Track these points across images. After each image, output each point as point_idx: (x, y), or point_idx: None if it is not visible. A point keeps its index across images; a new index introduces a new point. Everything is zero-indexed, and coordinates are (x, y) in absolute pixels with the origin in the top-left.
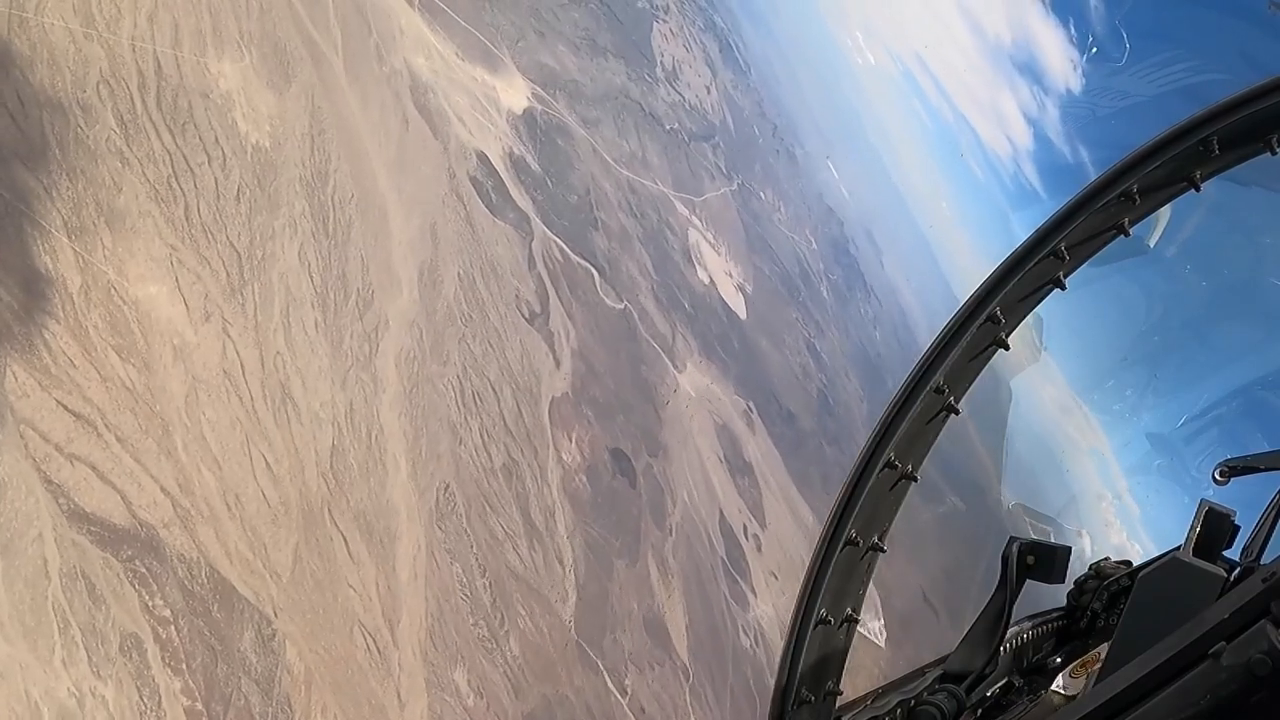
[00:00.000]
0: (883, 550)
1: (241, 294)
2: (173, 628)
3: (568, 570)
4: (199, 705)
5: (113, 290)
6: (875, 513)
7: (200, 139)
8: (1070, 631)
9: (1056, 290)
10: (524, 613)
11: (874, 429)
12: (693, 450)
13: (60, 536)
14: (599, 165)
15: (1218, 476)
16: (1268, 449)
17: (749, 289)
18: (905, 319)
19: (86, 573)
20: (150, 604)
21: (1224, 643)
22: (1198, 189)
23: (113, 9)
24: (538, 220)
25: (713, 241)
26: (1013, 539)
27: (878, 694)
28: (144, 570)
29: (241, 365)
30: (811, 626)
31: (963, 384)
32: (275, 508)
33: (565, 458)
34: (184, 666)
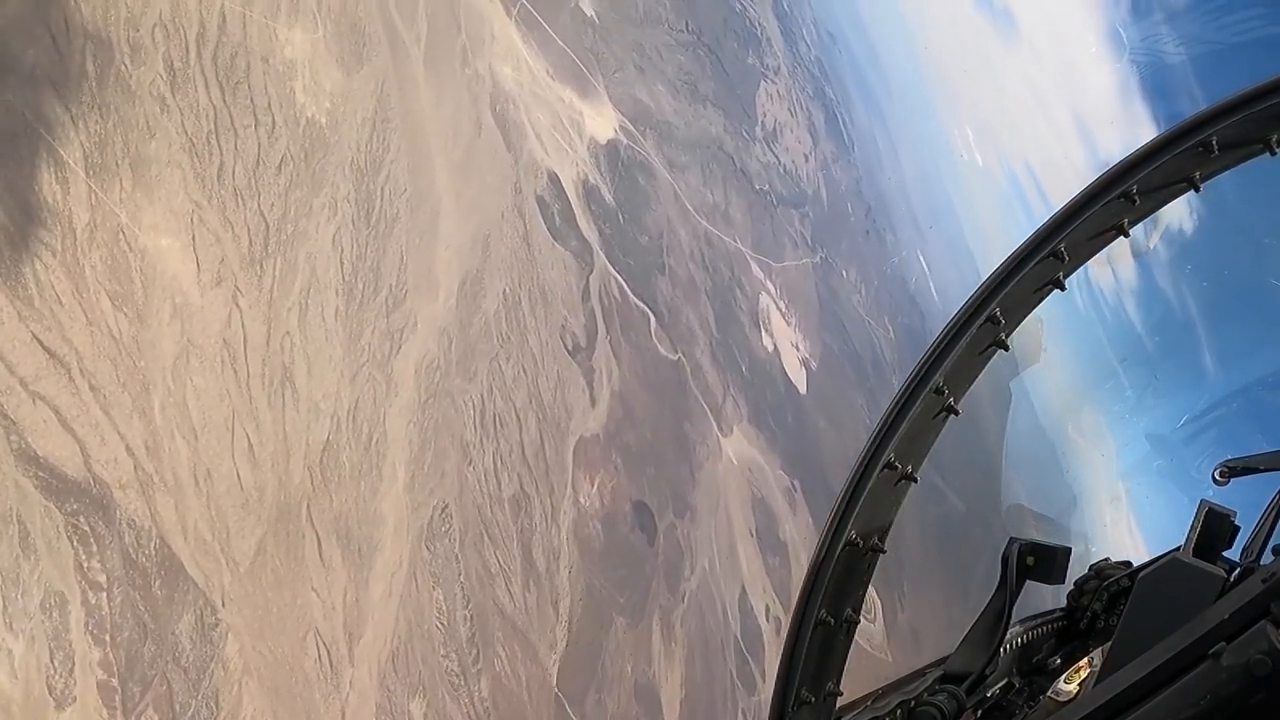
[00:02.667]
0: (883, 551)
1: (261, 265)
2: (105, 595)
3: (561, 618)
4: (114, 681)
5: (121, 234)
6: (875, 513)
7: (252, 101)
8: (1070, 632)
9: (1056, 291)
10: (503, 654)
11: (874, 429)
12: (723, 518)
13: (2, 474)
14: (678, 210)
15: (1218, 477)
16: (1268, 449)
17: (814, 365)
18: (976, 426)
19: (22, 518)
20: (86, 565)
21: (1224, 643)
22: (1198, 189)
23: None
24: (601, 253)
25: (784, 310)
26: (1013, 539)
27: (878, 695)
28: (86, 528)
29: (245, 338)
30: (811, 627)
31: (963, 384)
32: (248, 491)
33: (583, 501)
34: (108, 638)
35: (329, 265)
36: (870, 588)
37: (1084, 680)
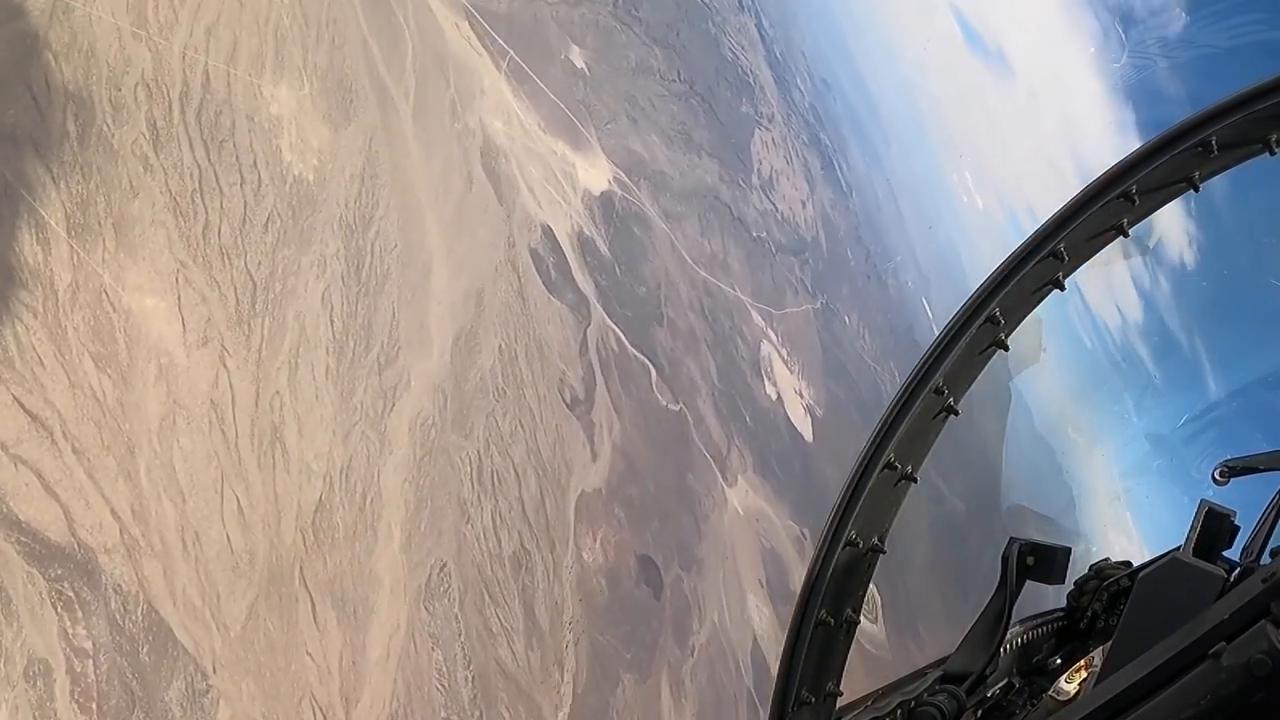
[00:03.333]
0: (883, 551)
1: (249, 324)
2: (91, 662)
3: (567, 676)
4: None
5: (104, 295)
6: (875, 514)
7: (237, 159)
8: (1070, 632)
9: (1056, 291)
10: (507, 715)
11: (874, 430)
12: (731, 570)
13: None
14: (675, 261)
15: (1218, 476)
16: (1268, 449)
17: (819, 412)
18: (988, 470)
19: (4, 584)
20: (71, 632)
21: (1224, 643)
22: (1197, 189)
23: (170, 13)
24: (598, 306)
25: (786, 358)
26: (1013, 540)
27: (878, 695)
28: (71, 594)
29: (233, 398)
30: (812, 628)
31: (962, 385)
32: (238, 555)
33: (586, 556)
34: (94, 706)
35: (319, 323)
36: (871, 587)
37: (1084, 680)
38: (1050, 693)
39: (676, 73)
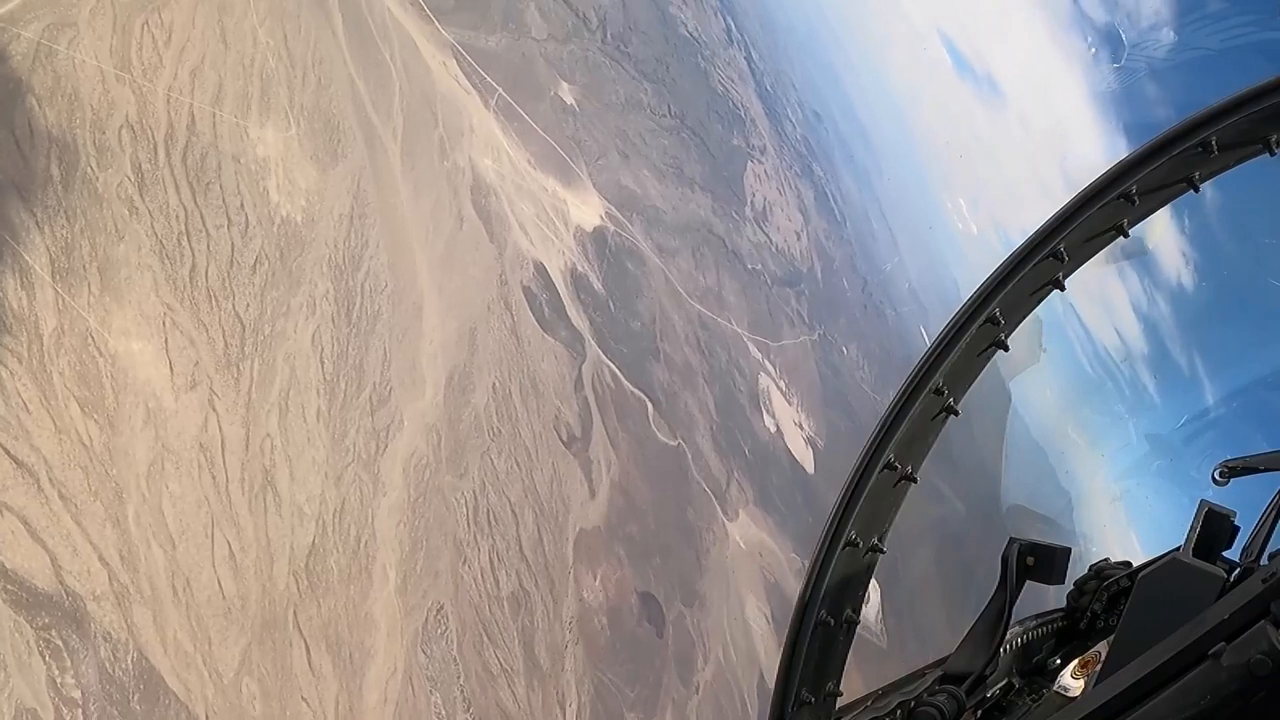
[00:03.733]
0: (883, 551)
1: (238, 367)
2: (80, 711)
3: (569, 716)
4: None
5: (90, 339)
6: (875, 514)
7: (224, 201)
8: (1070, 632)
9: (1056, 291)
10: None
11: (874, 430)
12: (735, 604)
13: None
14: (670, 295)
15: (1218, 477)
16: (1268, 449)
17: (820, 443)
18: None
19: None
20: (59, 680)
21: (1224, 643)
22: (1197, 190)
23: (154, 57)
24: (593, 342)
25: (785, 390)
26: (1013, 540)
27: (878, 695)
28: (59, 642)
29: (222, 442)
30: (812, 628)
31: (962, 385)
32: (230, 600)
33: (586, 595)
34: None
35: (309, 365)
36: (871, 586)
37: (1090, 676)
38: (1055, 688)
39: (667, 107)
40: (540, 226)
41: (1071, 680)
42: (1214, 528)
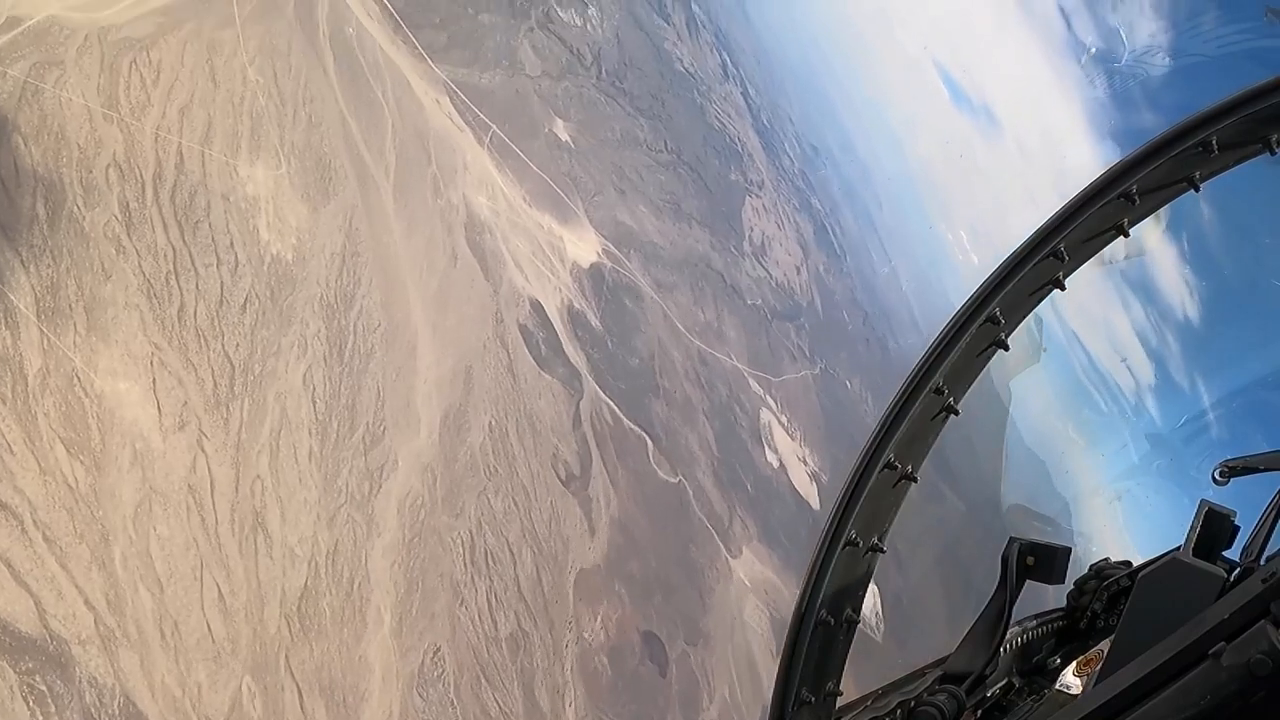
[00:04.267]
0: (883, 550)
1: (227, 407)
2: None
3: None
4: None
5: (76, 379)
6: (875, 513)
7: (213, 240)
8: (1070, 632)
9: (1056, 291)
10: None
11: (874, 430)
12: (740, 642)
13: None
14: (668, 331)
15: (1218, 476)
16: (1268, 449)
17: (824, 478)
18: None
19: None
20: None
21: (1224, 643)
22: (1197, 189)
23: (142, 95)
24: (590, 379)
25: (787, 424)
26: (1013, 539)
27: (878, 694)
28: (44, 688)
29: (211, 483)
30: (812, 627)
31: (963, 384)
32: (220, 644)
33: (586, 635)
34: None
35: (300, 405)
36: (871, 586)
37: (1092, 675)
38: (1058, 686)
39: (663, 143)
40: (536, 263)
41: (1074, 678)
42: (1214, 528)
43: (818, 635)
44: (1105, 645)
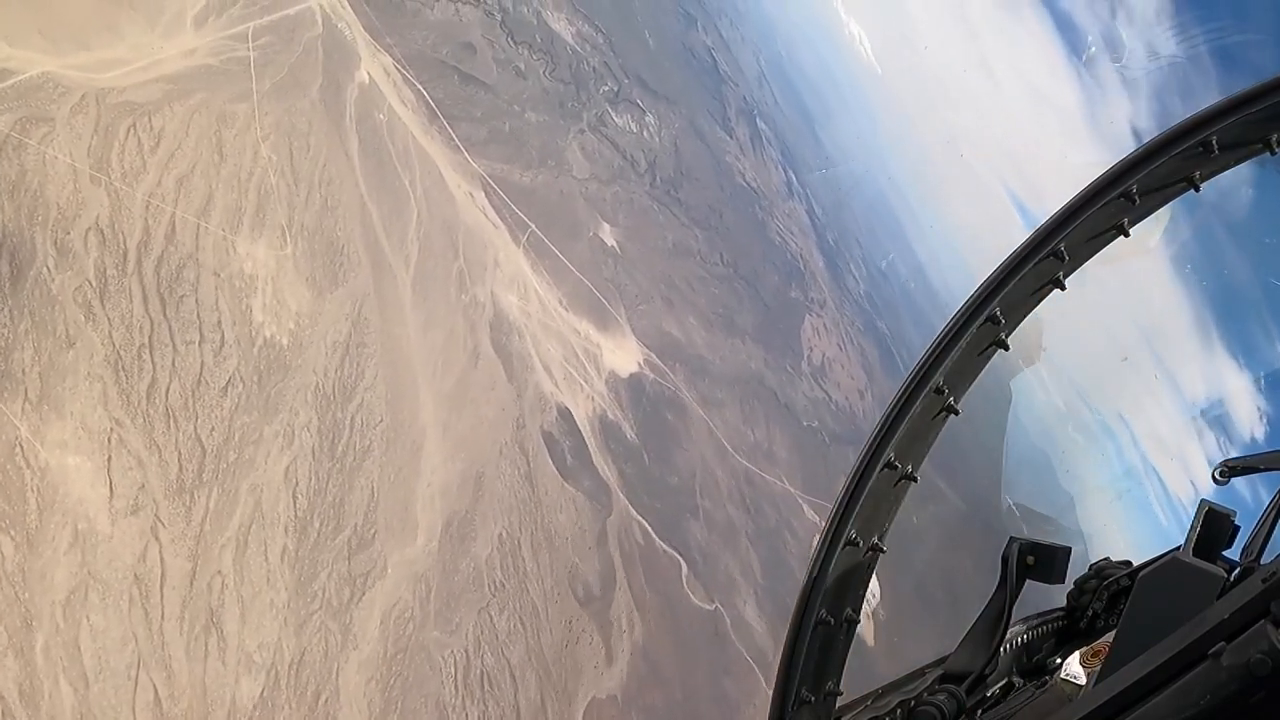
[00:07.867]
0: (883, 550)
1: (192, 494)
2: None
3: None
4: None
5: (19, 448)
6: (875, 513)
7: (198, 316)
8: (1070, 632)
9: (1056, 290)
10: None
11: (874, 429)
12: None
13: None
14: (713, 449)
15: (1218, 476)
16: (1268, 449)
17: (883, 615)
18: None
19: None
20: None
21: (1224, 643)
22: (1197, 189)
23: (137, 161)
24: (621, 494)
25: None
26: (1013, 539)
27: (878, 694)
28: None
29: (163, 574)
30: (812, 627)
31: (963, 384)
32: None
33: None
34: None
35: (279, 499)
36: (871, 585)
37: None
38: (1063, 675)
39: (719, 255)
40: (568, 369)
41: (1080, 668)
42: (1214, 528)
43: (817, 635)
44: (1113, 635)
